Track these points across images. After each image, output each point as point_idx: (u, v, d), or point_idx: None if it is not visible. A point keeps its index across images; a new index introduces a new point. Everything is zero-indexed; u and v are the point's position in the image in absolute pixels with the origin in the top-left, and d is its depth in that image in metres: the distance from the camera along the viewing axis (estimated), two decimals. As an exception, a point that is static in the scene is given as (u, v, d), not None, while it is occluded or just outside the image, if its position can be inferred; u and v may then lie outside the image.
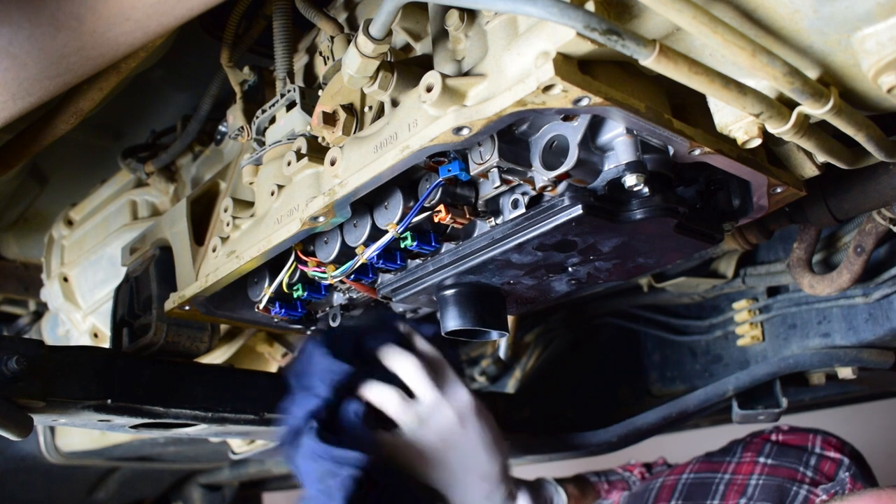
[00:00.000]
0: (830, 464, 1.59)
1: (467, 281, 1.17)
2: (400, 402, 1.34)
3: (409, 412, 1.34)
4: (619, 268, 1.18)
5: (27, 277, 2.21)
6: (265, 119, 1.30)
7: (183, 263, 1.38)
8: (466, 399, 1.38)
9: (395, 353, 1.37)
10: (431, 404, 1.35)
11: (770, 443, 1.69)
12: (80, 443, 2.16)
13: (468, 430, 1.36)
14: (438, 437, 1.34)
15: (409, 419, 1.34)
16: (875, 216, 1.37)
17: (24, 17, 0.98)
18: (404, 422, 1.34)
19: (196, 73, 1.69)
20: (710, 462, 1.72)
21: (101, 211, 1.85)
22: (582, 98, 0.85)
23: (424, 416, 1.35)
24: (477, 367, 2.09)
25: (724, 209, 1.17)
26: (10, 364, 1.14)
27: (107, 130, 1.90)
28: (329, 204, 1.07)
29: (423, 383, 1.35)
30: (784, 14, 0.84)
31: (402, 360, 1.36)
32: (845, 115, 0.91)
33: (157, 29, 1.04)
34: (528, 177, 1.00)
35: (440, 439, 1.35)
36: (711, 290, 1.78)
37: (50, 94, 1.08)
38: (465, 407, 1.37)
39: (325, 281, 1.22)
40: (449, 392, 1.37)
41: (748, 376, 1.61)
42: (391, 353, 1.37)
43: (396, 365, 1.36)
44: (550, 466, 2.09)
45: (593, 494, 1.96)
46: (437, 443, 1.34)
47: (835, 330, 1.59)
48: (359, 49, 0.96)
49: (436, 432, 1.35)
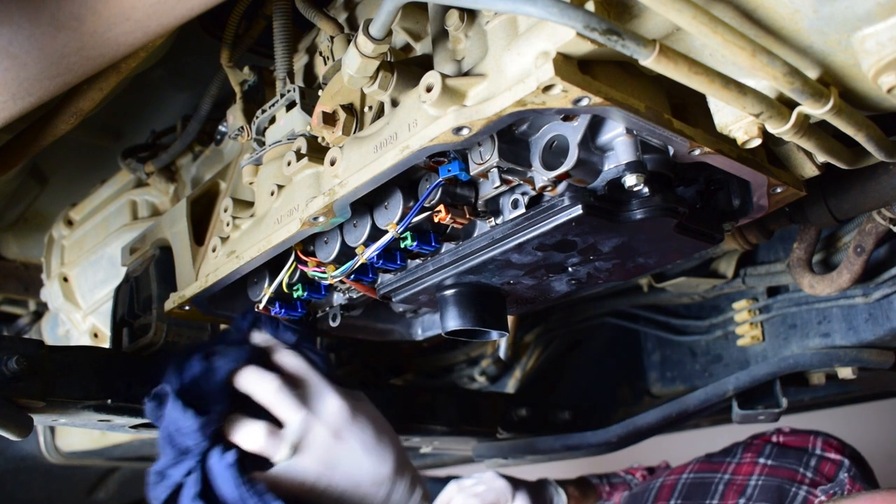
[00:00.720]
0: (830, 465, 1.59)
1: (467, 281, 1.17)
2: (265, 436, 1.21)
3: (277, 444, 1.22)
4: (619, 268, 1.18)
5: (27, 277, 2.21)
6: (265, 119, 1.30)
7: (183, 263, 1.38)
8: (337, 408, 1.26)
9: (250, 376, 1.25)
10: (300, 427, 1.23)
11: (771, 444, 1.69)
12: (80, 443, 2.16)
13: (346, 442, 1.25)
14: (315, 460, 1.23)
15: (280, 451, 1.22)
16: (875, 216, 1.37)
17: (24, 17, 0.98)
18: (276, 456, 1.22)
19: (196, 73, 1.69)
20: (710, 462, 1.73)
21: (101, 211, 1.85)
22: (582, 98, 0.85)
23: (295, 441, 1.22)
24: (477, 367, 2.09)
25: (724, 209, 1.17)
26: (10, 364, 1.14)
27: (107, 130, 1.90)
28: (329, 204, 1.07)
29: (288, 405, 1.23)
30: (784, 14, 0.84)
31: (260, 383, 1.24)
32: (845, 115, 0.91)
33: (157, 29, 1.04)
34: (528, 177, 1.00)
35: (318, 462, 1.23)
36: (711, 290, 1.78)
37: (50, 94, 1.08)
38: (337, 418, 1.25)
39: (325, 281, 1.22)
40: (317, 406, 1.25)
41: (748, 376, 1.61)
42: (246, 376, 1.25)
43: (255, 390, 1.24)
44: (551, 467, 2.10)
45: (594, 496, 1.96)
46: (317, 467, 1.23)
47: (835, 330, 1.59)
48: (359, 49, 0.96)
49: (312, 456, 1.23)
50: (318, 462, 1.23)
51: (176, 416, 1.18)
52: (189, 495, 1.16)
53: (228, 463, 1.17)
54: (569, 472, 2.06)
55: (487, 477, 1.86)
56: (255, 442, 1.21)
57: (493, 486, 1.82)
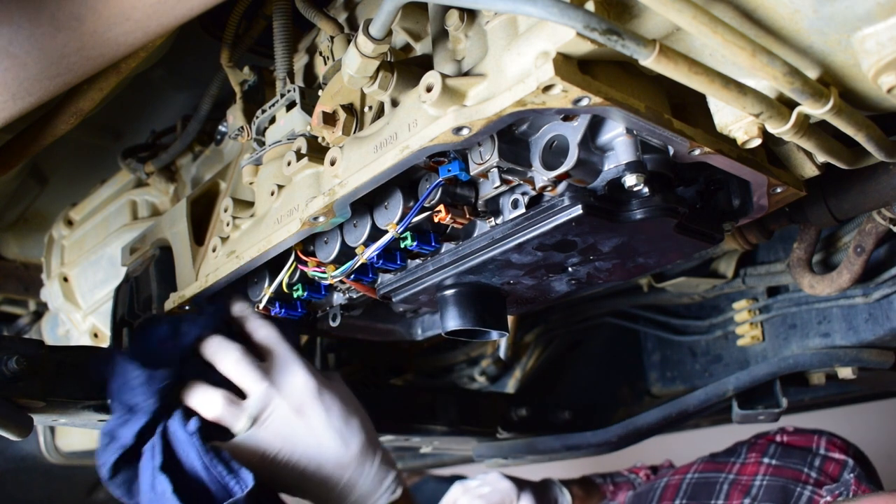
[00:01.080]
0: (835, 465, 1.59)
1: (467, 281, 1.17)
2: (224, 404, 1.19)
3: (236, 414, 1.19)
4: (619, 268, 1.18)
5: (27, 277, 2.21)
6: (265, 119, 1.30)
7: (183, 263, 1.38)
8: (302, 382, 1.23)
9: (214, 344, 1.22)
10: (260, 399, 1.20)
11: (775, 444, 1.69)
12: (80, 443, 2.16)
13: (309, 419, 1.21)
14: (275, 434, 1.20)
15: (240, 422, 1.20)
16: (875, 216, 1.37)
17: (24, 17, 0.98)
18: (234, 426, 1.20)
19: (196, 73, 1.69)
20: (714, 462, 1.73)
21: (101, 211, 1.85)
22: (582, 98, 0.85)
23: (255, 413, 1.20)
24: (477, 367, 2.09)
25: (724, 209, 1.17)
26: (10, 364, 1.14)
27: (107, 130, 1.90)
28: (329, 204, 1.07)
29: (249, 376, 1.21)
30: (784, 14, 0.84)
31: (223, 351, 1.22)
32: (845, 115, 0.91)
33: (157, 29, 1.04)
34: (528, 177, 1.00)
35: (278, 436, 1.20)
36: (711, 290, 1.78)
37: (50, 94, 1.08)
38: (302, 393, 1.22)
39: (325, 281, 1.22)
40: (282, 379, 1.22)
41: (748, 376, 1.61)
42: (211, 344, 1.22)
43: (217, 359, 1.22)
44: (552, 466, 2.10)
45: (598, 496, 1.96)
46: (276, 441, 1.20)
47: (835, 330, 1.59)
48: (359, 49, 0.96)
49: (272, 430, 1.20)
50: (278, 436, 1.20)
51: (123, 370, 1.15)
52: (150, 468, 1.13)
53: (191, 431, 1.14)
54: (569, 471, 2.06)
55: (492, 478, 1.86)
56: (213, 410, 1.19)
57: (497, 487, 1.82)
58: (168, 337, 1.22)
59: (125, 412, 1.17)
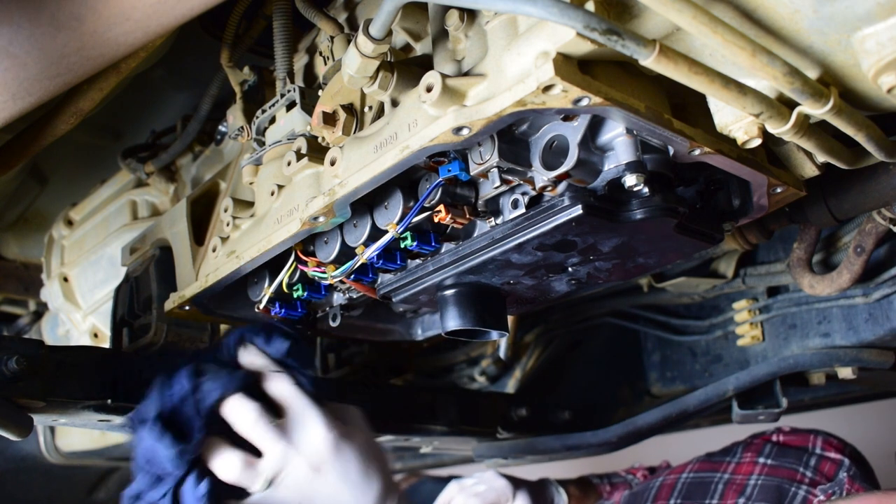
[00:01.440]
0: (830, 465, 1.59)
1: (467, 281, 1.17)
2: (241, 467, 1.18)
3: (253, 476, 1.19)
4: (619, 268, 1.18)
5: (27, 277, 2.21)
6: (265, 119, 1.30)
7: (183, 263, 1.38)
8: (320, 440, 1.21)
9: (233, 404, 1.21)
10: (278, 460, 1.20)
11: (771, 443, 1.69)
12: (80, 443, 2.16)
13: (327, 475, 1.21)
14: (294, 493, 1.20)
15: (256, 484, 1.19)
16: (875, 216, 1.37)
17: (24, 17, 0.98)
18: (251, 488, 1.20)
19: (196, 73, 1.69)
20: (710, 462, 1.72)
21: (101, 211, 1.85)
22: (582, 98, 0.85)
23: (271, 475, 1.20)
24: (477, 367, 2.09)
25: (724, 209, 1.17)
26: (10, 364, 1.14)
27: (107, 130, 1.90)
28: (329, 204, 1.07)
29: (266, 436, 1.20)
30: (784, 14, 0.84)
31: (241, 412, 1.21)
32: (845, 115, 0.91)
33: (157, 29, 1.04)
34: (528, 177, 1.00)
35: (296, 495, 1.20)
36: (711, 290, 1.78)
37: (50, 94, 1.08)
38: (320, 450, 1.21)
39: (325, 281, 1.22)
40: (299, 437, 1.21)
41: (748, 376, 1.61)
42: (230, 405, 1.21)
43: (235, 419, 1.21)
44: (551, 466, 2.10)
45: (595, 496, 1.96)
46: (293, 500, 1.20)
47: (835, 330, 1.58)
48: (359, 49, 0.96)
49: (290, 490, 1.20)
50: (296, 495, 1.20)
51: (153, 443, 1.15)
52: None
53: (200, 494, 1.15)
54: (569, 471, 2.06)
55: (488, 476, 1.85)
56: (230, 472, 1.19)
57: (493, 486, 1.82)
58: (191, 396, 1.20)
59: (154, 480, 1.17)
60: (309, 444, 1.21)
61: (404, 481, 2.66)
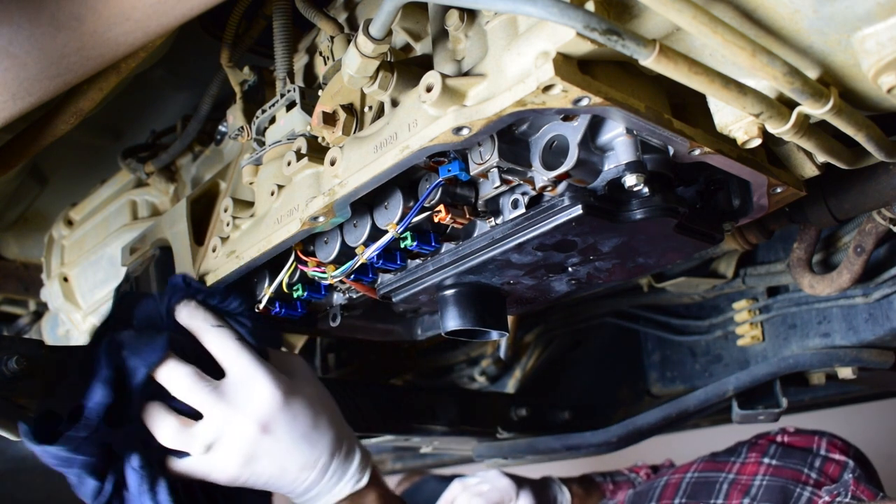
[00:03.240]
0: (835, 466, 1.59)
1: (467, 281, 1.17)
2: (175, 432, 1.14)
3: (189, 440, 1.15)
4: (619, 268, 1.18)
5: (27, 277, 2.21)
6: (265, 119, 1.30)
7: (183, 263, 1.38)
8: (266, 397, 1.17)
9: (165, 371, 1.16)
10: (214, 424, 1.15)
11: (775, 444, 1.69)
12: (80, 443, 2.16)
13: (275, 434, 1.16)
14: (237, 455, 1.16)
15: (194, 447, 1.15)
16: (875, 216, 1.37)
17: (24, 17, 0.98)
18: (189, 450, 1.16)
19: (196, 73, 1.69)
20: (714, 462, 1.72)
21: (101, 211, 1.85)
22: (582, 98, 0.85)
23: (210, 438, 1.15)
24: (477, 367, 2.09)
25: (724, 209, 1.17)
26: (10, 364, 1.14)
27: (107, 130, 1.90)
28: (329, 204, 1.07)
29: (203, 399, 1.15)
30: (784, 14, 0.84)
31: (174, 377, 1.15)
32: (845, 115, 0.91)
33: (157, 29, 1.04)
34: (528, 177, 1.00)
35: (240, 456, 1.16)
36: (711, 290, 1.78)
37: (50, 94, 1.08)
38: (266, 409, 1.16)
39: (325, 281, 1.22)
40: (242, 397, 1.16)
41: (748, 376, 1.61)
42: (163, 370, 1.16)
43: (168, 383, 1.16)
44: (552, 466, 2.10)
45: (598, 494, 1.96)
46: (238, 461, 1.16)
47: (835, 330, 1.58)
48: (359, 49, 0.96)
49: (232, 452, 1.16)
50: (239, 456, 1.16)
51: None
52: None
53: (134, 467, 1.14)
54: (569, 471, 2.06)
55: (491, 475, 1.85)
56: (165, 438, 1.15)
57: (496, 485, 1.82)
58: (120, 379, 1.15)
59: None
60: (254, 403, 1.17)
61: (407, 480, 2.66)
